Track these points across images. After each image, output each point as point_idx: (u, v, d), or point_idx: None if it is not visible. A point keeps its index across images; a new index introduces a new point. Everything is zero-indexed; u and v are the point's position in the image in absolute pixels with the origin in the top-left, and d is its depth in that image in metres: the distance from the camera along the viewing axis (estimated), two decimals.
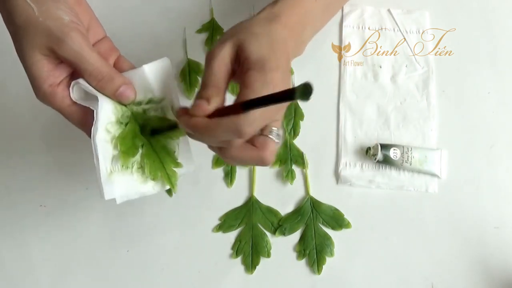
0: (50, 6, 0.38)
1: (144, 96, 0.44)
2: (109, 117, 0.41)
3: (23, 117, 0.61)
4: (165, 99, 0.44)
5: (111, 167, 0.42)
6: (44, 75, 0.40)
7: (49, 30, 0.38)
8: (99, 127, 0.40)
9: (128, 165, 0.42)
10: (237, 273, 0.57)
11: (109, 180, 0.41)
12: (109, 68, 0.41)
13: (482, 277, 0.56)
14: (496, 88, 0.61)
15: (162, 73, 0.44)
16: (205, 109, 0.38)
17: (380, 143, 0.57)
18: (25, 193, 0.59)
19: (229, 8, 0.65)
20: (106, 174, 0.41)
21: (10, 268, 0.57)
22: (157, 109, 0.44)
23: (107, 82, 0.41)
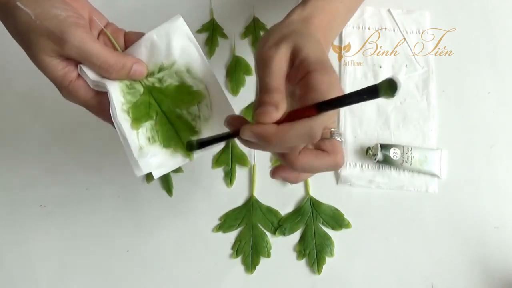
0: (44, 7, 0.38)
1: (154, 65, 0.43)
2: (120, 100, 0.42)
3: (23, 117, 0.61)
4: (176, 62, 0.44)
5: (139, 142, 0.42)
6: (60, 75, 0.40)
7: (48, 32, 0.38)
8: (116, 108, 0.41)
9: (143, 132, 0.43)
10: (237, 273, 0.57)
11: (141, 154, 0.42)
12: (114, 56, 0.40)
13: (482, 277, 0.56)
14: (496, 88, 0.62)
15: (170, 35, 0.43)
16: (274, 116, 0.35)
17: (380, 143, 0.57)
18: (25, 193, 0.59)
19: (229, 8, 0.65)
20: (137, 149, 0.42)
21: (10, 268, 0.57)
22: (171, 75, 0.44)
23: (119, 71, 0.41)
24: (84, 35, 0.39)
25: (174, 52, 0.43)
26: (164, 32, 0.43)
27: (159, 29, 0.43)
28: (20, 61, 0.61)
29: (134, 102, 0.43)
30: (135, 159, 0.42)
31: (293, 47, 0.38)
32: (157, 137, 0.43)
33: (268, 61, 0.38)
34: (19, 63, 0.62)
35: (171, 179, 0.59)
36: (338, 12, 0.48)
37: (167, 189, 0.59)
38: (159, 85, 0.44)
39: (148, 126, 0.43)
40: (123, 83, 0.43)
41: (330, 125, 0.40)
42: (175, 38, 0.43)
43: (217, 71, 0.63)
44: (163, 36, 0.43)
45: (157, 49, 0.43)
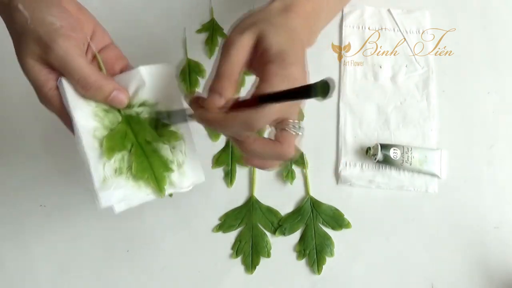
0: (42, 13, 0.38)
1: (138, 99, 0.43)
2: (92, 125, 0.41)
3: (23, 117, 0.61)
4: (160, 104, 0.44)
5: (104, 173, 0.41)
6: (41, 79, 0.40)
7: (38, 37, 0.38)
8: (82, 136, 0.40)
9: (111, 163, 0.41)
10: (237, 273, 0.57)
11: (104, 185, 0.41)
12: (96, 75, 0.40)
13: (482, 277, 0.56)
14: (496, 88, 0.62)
15: (160, 78, 0.43)
16: (218, 103, 0.37)
17: (380, 143, 0.57)
18: (25, 193, 0.59)
19: (229, 8, 0.65)
20: (101, 180, 0.41)
21: (10, 268, 0.57)
22: (151, 113, 0.44)
23: (95, 90, 0.40)
24: (71, 48, 0.38)
25: (160, 95, 0.43)
26: (156, 73, 0.43)
27: (151, 68, 0.43)
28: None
29: (111, 129, 0.42)
30: (96, 191, 0.40)
31: (258, 35, 0.39)
32: (125, 169, 0.42)
33: (229, 47, 0.39)
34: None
35: None
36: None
37: None
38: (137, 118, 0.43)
39: (118, 157, 0.42)
40: (99, 108, 0.42)
41: (290, 116, 0.40)
42: (164, 83, 0.43)
43: None
44: (154, 77, 0.43)
45: (144, 86, 0.42)
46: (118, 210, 0.42)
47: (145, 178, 0.43)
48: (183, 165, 0.45)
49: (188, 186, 0.45)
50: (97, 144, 0.41)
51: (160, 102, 0.44)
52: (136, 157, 0.42)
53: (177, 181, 0.45)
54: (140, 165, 0.42)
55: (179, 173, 0.45)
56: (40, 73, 0.40)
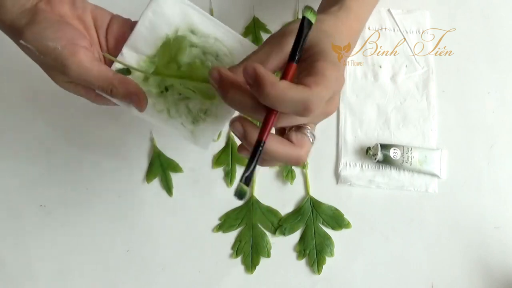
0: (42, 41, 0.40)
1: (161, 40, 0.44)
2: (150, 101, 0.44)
3: (24, 117, 0.61)
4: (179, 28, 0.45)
5: (187, 128, 0.44)
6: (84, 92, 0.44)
7: (53, 66, 0.41)
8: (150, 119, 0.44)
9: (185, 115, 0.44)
10: (237, 273, 0.57)
11: (194, 136, 0.44)
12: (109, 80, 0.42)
13: (482, 277, 0.56)
14: (496, 88, 0.61)
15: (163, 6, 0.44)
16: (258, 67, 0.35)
17: (380, 143, 0.57)
18: (25, 193, 0.59)
19: (229, 8, 0.65)
20: (190, 136, 0.44)
21: (10, 268, 0.57)
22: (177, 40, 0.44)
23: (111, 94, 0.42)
24: (79, 64, 0.40)
25: (174, 20, 0.44)
26: (157, 5, 0.44)
27: (151, 5, 0.44)
28: (20, 62, 0.61)
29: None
30: (195, 144, 0.44)
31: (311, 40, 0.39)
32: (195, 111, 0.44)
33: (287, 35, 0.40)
34: (19, 64, 0.61)
35: (171, 179, 0.59)
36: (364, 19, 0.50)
37: (167, 189, 0.59)
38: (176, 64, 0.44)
39: (183, 110, 0.44)
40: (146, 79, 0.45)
41: (310, 124, 0.40)
42: (169, 7, 0.44)
43: None
44: (157, 11, 0.44)
45: (156, 25, 0.44)
46: (216, 140, 0.48)
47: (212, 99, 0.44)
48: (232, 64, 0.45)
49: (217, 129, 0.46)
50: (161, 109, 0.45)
51: (180, 25, 0.45)
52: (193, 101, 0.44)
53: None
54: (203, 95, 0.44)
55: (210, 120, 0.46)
56: (77, 89, 0.44)
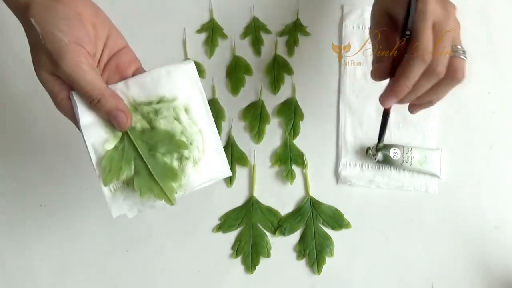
0: (52, 28, 0.40)
1: (156, 96, 0.44)
2: (102, 137, 0.42)
3: (23, 118, 0.61)
4: (178, 99, 0.44)
5: (114, 185, 0.42)
6: (56, 90, 0.41)
7: (49, 53, 0.40)
8: (90, 150, 0.42)
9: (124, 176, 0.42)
10: (237, 273, 0.57)
11: (114, 197, 0.42)
12: (101, 90, 0.41)
13: (482, 277, 0.56)
14: (496, 88, 0.61)
15: (179, 75, 0.44)
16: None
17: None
18: (25, 193, 0.59)
19: (229, 8, 0.65)
20: (110, 193, 0.42)
21: (10, 268, 0.57)
22: (169, 108, 0.44)
23: (97, 104, 0.41)
24: (77, 64, 0.40)
25: (178, 91, 0.44)
26: (174, 70, 0.44)
27: (169, 66, 0.44)
28: (19, 62, 0.61)
29: (107, 154, 0.42)
30: (107, 202, 0.42)
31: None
32: (132, 185, 0.43)
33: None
34: (18, 65, 0.62)
35: None
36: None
37: None
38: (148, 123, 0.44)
39: (126, 169, 0.43)
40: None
41: (454, 41, 0.44)
42: (182, 79, 0.44)
43: (217, 71, 0.63)
44: (171, 74, 0.44)
45: (162, 83, 0.44)
46: (131, 216, 0.43)
47: (150, 195, 0.43)
48: (199, 162, 0.44)
49: (202, 183, 0.45)
50: None
51: (179, 97, 0.44)
52: (138, 178, 0.43)
53: (191, 180, 0.44)
54: (144, 183, 0.43)
55: (196, 171, 0.44)
56: (54, 84, 0.41)
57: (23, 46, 0.43)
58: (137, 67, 0.45)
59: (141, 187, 0.42)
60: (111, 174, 0.42)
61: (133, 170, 0.43)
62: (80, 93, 0.41)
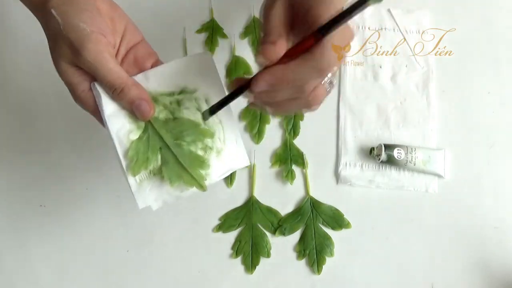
0: (74, 18, 0.40)
1: (176, 86, 0.44)
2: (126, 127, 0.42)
3: (24, 117, 0.61)
4: (199, 90, 0.44)
5: (139, 176, 0.42)
6: (75, 81, 0.41)
7: (70, 42, 0.40)
8: (115, 140, 0.41)
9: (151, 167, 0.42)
10: (237, 273, 0.57)
11: (140, 188, 0.42)
12: (123, 79, 0.41)
13: (482, 277, 0.56)
14: (496, 88, 0.62)
15: (198, 66, 0.44)
16: (273, 51, 0.35)
17: (384, 144, 0.57)
18: (25, 193, 0.59)
19: (229, 8, 0.65)
20: (136, 184, 0.42)
21: (10, 268, 0.57)
22: (191, 99, 0.44)
23: (120, 93, 0.41)
24: (100, 53, 0.40)
25: (199, 82, 0.44)
26: (193, 61, 0.44)
27: (188, 58, 0.44)
28: (20, 61, 0.61)
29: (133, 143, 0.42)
30: (133, 194, 0.42)
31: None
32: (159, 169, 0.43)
33: (266, 11, 0.38)
34: (19, 64, 0.62)
35: None
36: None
37: None
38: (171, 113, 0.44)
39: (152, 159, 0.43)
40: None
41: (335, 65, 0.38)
42: (202, 70, 0.44)
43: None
44: (191, 65, 0.44)
45: (182, 74, 0.44)
46: (155, 207, 0.43)
47: (181, 182, 0.43)
48: (221, 152, 0.45)
49: (225, 172, 0.45)
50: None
51: (200, 88, 0.44)
52: (166, 167, 0.43)
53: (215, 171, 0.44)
54: (173, 172, 0.43)
55: (219, 161, 0.45)
56: (74, 75, 0.41)
57: (27, 45, 0.43)
58: (155, 60, 0.45)
59: (171, 175, 0.42)
60: (138, 165, 0.42)
61: (160, 160, 0.43)
62: (102, 83, 0.41)
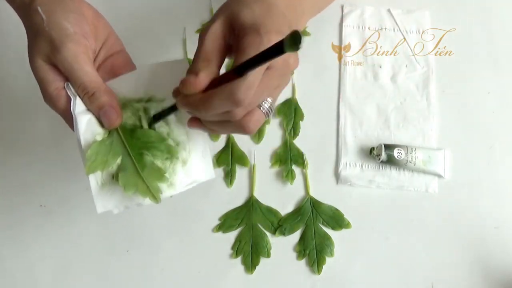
0: (58, 17, 0.40)
1: (145, 93, 0.44)
2: (95, 130, 0.41)
3: (24, 117, 0.61)
4: (166, 100, 0.44)
5: (102, 179, 0.42)
6: (49, 78, 0.41)
7: (51, 39, 0.39)
8: (81, 141, 0.41)
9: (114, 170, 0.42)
10: (237, 273, 0.57)
11: (100, 191, 0.42)
12: (97, 84, 0.41)
13: (482, 277, 0.56)
14: (496, 88, 0.61)
15: (170, 74, 0.43)
16: (193, 82, 0.36)
17: (384, 144, 0.57)
18: (25, 193, 0.59)
19: None
20: (97, 186, 0.42)
21: (10, 267, 0.57)
22: (157, 108, 0.44)
23: (90, 97, 0.40)
24: (78, 54, 0.39)
25: (168, 91, 0.43)
26: (165, 68, 0.44)
27: (161, 64, 0.44)
28: (20, 61, 0.61)
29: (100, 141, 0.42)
30: (93, 197, 0.41)
31: (231, 17, 0.38)
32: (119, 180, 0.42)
33: (202, 35, 0.38)
34: (19, 63, 0.62)
35: None
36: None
37: None
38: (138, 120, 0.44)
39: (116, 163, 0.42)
40: None
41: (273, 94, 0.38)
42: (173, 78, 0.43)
43: None
44: (162, 72, 0.44)
45: (152, 81, 0.43)
46: (116, 212, 0.43)
47: (136, 191, 0.42)
48: (187, 163, 0.45)
49: (189, 184, 0.45)
50: None
51: (168, 99, 0.44)
52: (124, 174, 0.42)
53: (179, 181, 0.44)
54: (129, 180, 0.42)
55: (184, 172, 0.44)
56: (48, 72, 0.40)
57: (25, 45, 0.43)
58: (130, 70, 0.45)
59: (126, 183, 0.42)
60: (94, 165, 0.41)
61: (119, 166, 0.42)
62: (75, 84, 0.40)
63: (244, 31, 0.36)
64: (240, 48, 0.36)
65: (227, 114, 0.36)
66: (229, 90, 0.34)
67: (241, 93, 0.33)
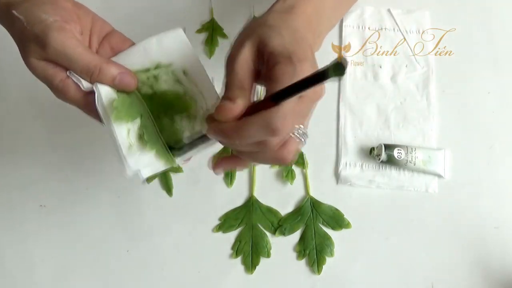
0: (35, 12, 0.39)
1: (151, 62, 0.44)
2: (112, 96, 0.41)
3: (23, 117, 0.61)
4: (174, 64, 0.44)
5: (129, 140, 0.42)
6: (50, 73, 0.40)
7: (35, 37, 0.39)
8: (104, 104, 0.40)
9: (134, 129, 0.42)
10: (237, 273, 0.57)
11: (130, 151, 0.42)
12: (97, 60, 0.40)
13: (482, 277, 0.56)
14: (496, 88, 0.61)
15: (170, 41, 0.44)
16: (230, 108, 0.35)
17: (384, 144, 0.57)
18: (25, 193, 0.59)
19: (229, 8, 0.65)
20: (127, 146, 0.41)
21: (10, 267, 0.57)
22: (167, 72, 0.44)
23: (99, 75, 0.40)
24: (66, 40, 0.39)
25: (172, 56, 0.44)
26: (165, 38, 0.44)
27: (159, 35, 0.44)
28: (19, 61, 0.61)
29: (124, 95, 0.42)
30: (124, 156, 0.41)
31: (259, 41, 0.37)
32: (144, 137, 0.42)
33: (232, 61, 0.37)
34: (19, 63, 0.61)
35: (170, 179, 0.59)
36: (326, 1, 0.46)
37: (167, 189, 0.59)
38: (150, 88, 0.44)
39: (138, 123, 0.43)
40: None
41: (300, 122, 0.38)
42: (174, 44, 0.44)
43: (217, 71, 0.63)
44: (163, 41, 0.44)
45: (155, 50, 0.44)
46: (145, 175, 0.43)
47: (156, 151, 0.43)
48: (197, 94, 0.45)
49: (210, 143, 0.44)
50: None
51: (175, 62, 0.44)
52: (146, 131, 0.42)
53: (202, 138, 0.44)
54: (151, 137, 0.42)
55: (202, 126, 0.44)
56: (47, 68, 0.40)
57: None
58: (131, 44, 0.45)
59: (149, 139, 0.42)
60: (121, 115, 0.41)
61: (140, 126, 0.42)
62: (76, 70, 0.40)
63: (275, 59, 0.36)
64: (274, 76, 0.35)
65: (262, 144, 0.35)
66: (266, 118, 0.33)
67: (279, 121, 0.33)
